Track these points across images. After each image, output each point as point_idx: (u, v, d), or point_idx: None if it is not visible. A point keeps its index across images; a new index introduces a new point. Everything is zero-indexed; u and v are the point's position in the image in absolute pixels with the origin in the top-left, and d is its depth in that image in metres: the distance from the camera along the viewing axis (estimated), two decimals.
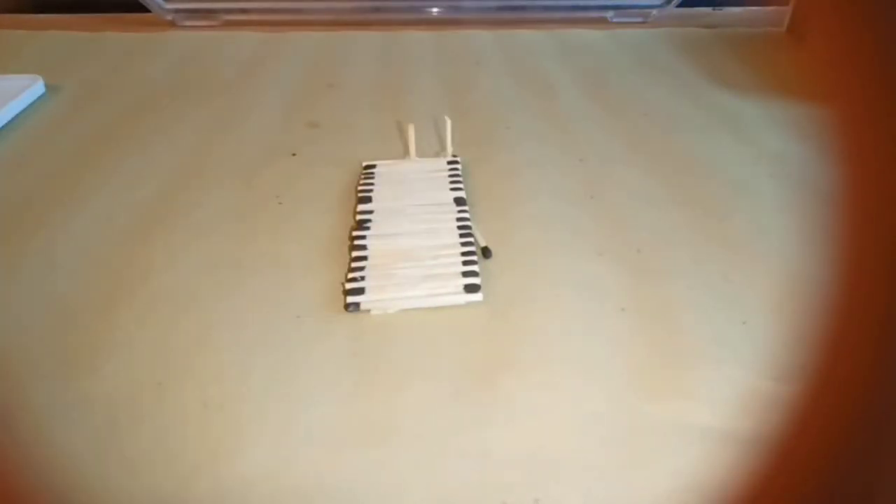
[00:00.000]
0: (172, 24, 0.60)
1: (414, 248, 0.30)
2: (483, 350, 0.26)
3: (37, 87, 0.46)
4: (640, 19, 0.62)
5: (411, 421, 0.24)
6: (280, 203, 0.34)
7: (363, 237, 0.31)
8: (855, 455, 0.09)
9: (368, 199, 0.33)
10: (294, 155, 0.39)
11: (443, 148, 0.37)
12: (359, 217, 0.32)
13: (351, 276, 0.29)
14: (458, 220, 0.32)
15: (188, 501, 0.21)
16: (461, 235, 0.31)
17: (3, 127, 0.42)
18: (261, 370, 0.25)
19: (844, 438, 0.10)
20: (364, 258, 0.30)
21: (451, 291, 0.28)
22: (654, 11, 0.61)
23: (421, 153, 0.37)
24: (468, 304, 0.28)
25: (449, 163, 0.36)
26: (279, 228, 0.32)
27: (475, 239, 0.31)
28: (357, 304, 0.28)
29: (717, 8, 0.65)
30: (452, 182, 0.34)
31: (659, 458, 0.22)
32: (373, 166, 0.36)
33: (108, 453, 0.22)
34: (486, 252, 0.31)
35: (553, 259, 0.31)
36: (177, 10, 0.59)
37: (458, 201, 0.33)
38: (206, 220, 0.33)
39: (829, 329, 0.10)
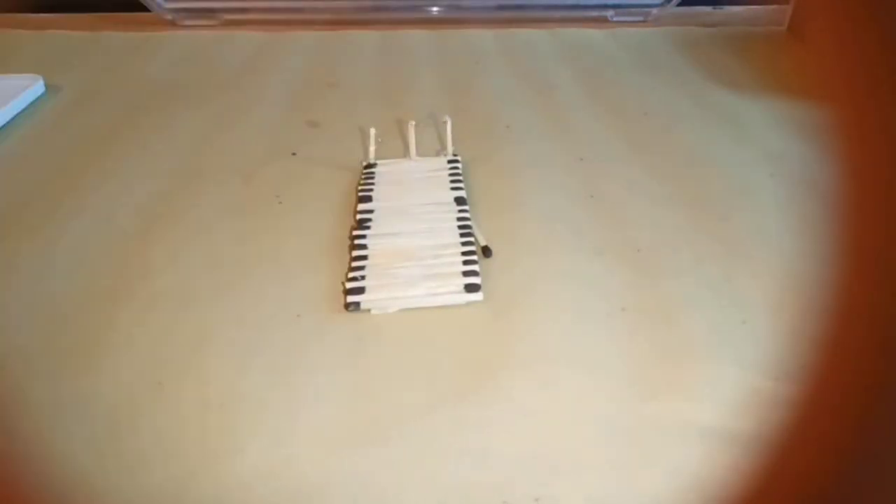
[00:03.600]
0: (172, 24, 0.60)
1: (414, 247, 0.30)
2: (483, 349, 0.26)
3: (37, 86, 0.46)
4: (640, 18, 0.61)
5: (412, 420, 0.24)
6: (280, 202, 0.34)
7: (363, 236, 0.31)
8: (856, 455, 0.09)
9: (369, 199, 0.33)
10: (294, 154, 0.39)
11: (443, 147, 0.37)
12: (359, 216, 0.32)
13: (351, 275, 0.29)
14: (459, 219, 0.32)
15: (188, 501, 0.21)
16: (461, 235, 0.31)
17: (3, 126, 0.42)
18: (261, 369, 0.25)
19: (845, 438, 0.09)
20: (364, 257, 0.30)
21: (451, 291, 0.28)
22: (655, 10, 0.61)
23: (421, 152, 0.37)
24: (468, 304, 0.28)
25: (449, 162, 0.36)
26: (279, 228, 0.32)
27: (475, 238, 0.31)
28: (357, 304, 0.28)
29: (717, 7, 0.65)
30: (453, 181, 0.34)
31: (659, 457, 0.22)
32: (373, 165, 0.36)
33: (108, 453, 0.22)
34: (486, 251, 0.30)
35: (553, 258, 0.31)
36: (177, 10, 0.59)
37: (459, 201, 0.33)
38: (206, 219, 0.33)
39: (829, 329, 0.10)
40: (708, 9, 0.64)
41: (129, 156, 0.39)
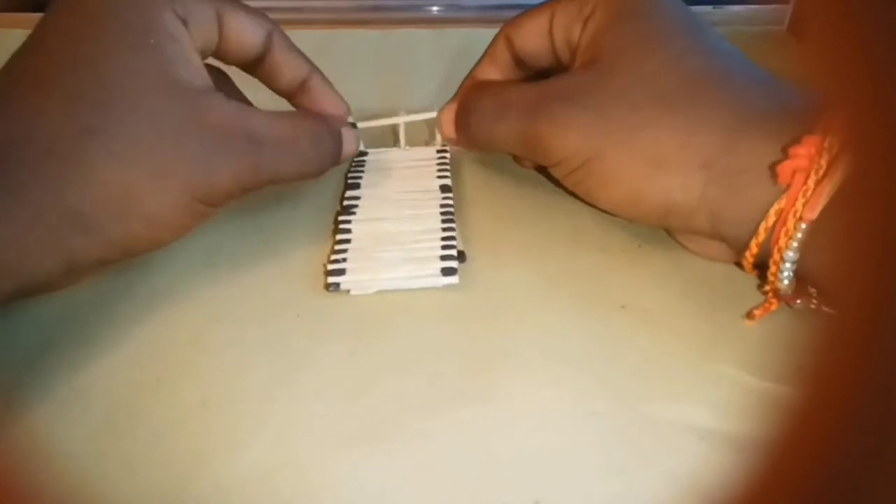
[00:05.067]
0: None
1: (397, 232, 0.31)
2: (482, 348, 0.26)
3: None
4: None
5: (411, 420, 0.24)
6: (279, 201, 0.34)
7: (348, 221, 0.32)
8: (853, 457, 0.09)
9: (357, 186, 0.34)
10: None
11: (433, 138, 0.37)
12: (345, 203, 0.33)
13: (333, 257, 0.30)
14: (442, 206, 0.32)
15: (187, 500, 0.21)
16: (443, 221, 0.31)
17: None
18: (259, 368, 0.25)
19: (843, 441, 0.09)
20: (347, 241, 0.30)
21: (428, 274, 0.29)
22: None
23: (412, 144, 0.37)
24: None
25: (438, 152, 0.36)
26: (278, 226, 0.32)
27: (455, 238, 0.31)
28: (337, 284, 0.28)
29: (717, 7, 0.65)
30: (440, 170, 0.35)
31: (659, 459, 0.22)
32: (363, 154, 0.37)
33: (107, 452, 0.22)
34: (461, 256, 0.30)
35: (553, 254, 0.31)
36: None
37: (444, 188, 0.34)
38: None
39: (829, 330, 0.10)
40: (708, 9, 0.64)
41: None
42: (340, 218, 0.32)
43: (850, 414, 0.09)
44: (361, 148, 0.37)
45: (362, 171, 0.35)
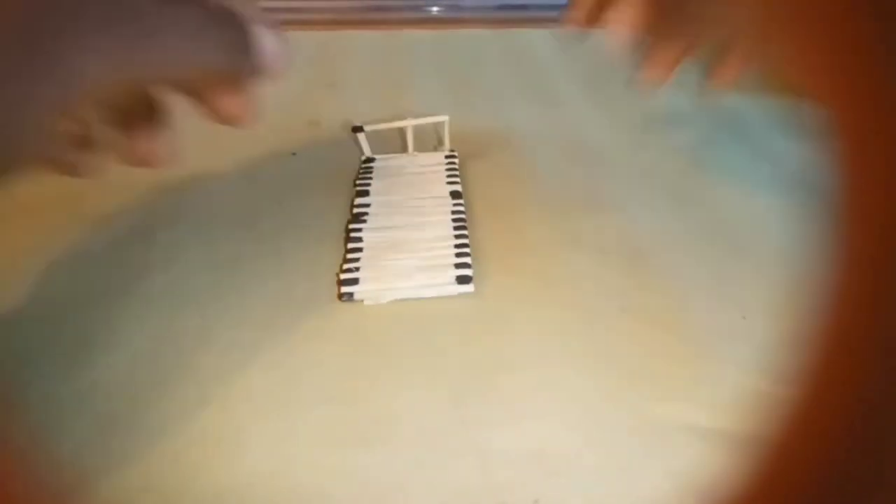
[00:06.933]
0: None
1: (409, 240, 0.31)
2: (483, 350, 0.26)
3: None
4: None
5: (411, 420, 0.24)
6: (280, 202, 0.34)
7: (359, 230, 0.31)
8: (854, 457, 0.09)
9: (366, 193, 0.34)
10: (294, 154, 0.39)
11: (440, 143, 0.37)
12: (355, 210, 0.33)
13: (346, 266, 0.29)
14: (454, 212, 0.32)
15: (188, 500, 0.21)
16: (455, 228, 0.31)
17: None
18: (260, 369, 0.25)
19: (844, 441, 0.09)
20: (359, 249, 0.30)
21: (443, 282, 0.28)
22: None
23: (420, 149, 0.37)
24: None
25: (446, 157, 0.36)
26: (279, 228, 0.32)
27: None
28: (351, 294, 0.28)
29: None
30: (449, 176, 0.35)
31: (659, 458, 0.22)
32: (371, 160, 0.36)
33: (107, 452, 0.22)
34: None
35: (554, 257, 0.31)
36: None
37: (454, 195, 0.33)
38: (206, 219, 0.33)
39: (829, 331, 0.10)
40: None
41: None
42: (351, 226, 0.32)
43: (852, 413, 0.09)
44: (368, 154, 0.37)
45: (370, 178, 0.35)
